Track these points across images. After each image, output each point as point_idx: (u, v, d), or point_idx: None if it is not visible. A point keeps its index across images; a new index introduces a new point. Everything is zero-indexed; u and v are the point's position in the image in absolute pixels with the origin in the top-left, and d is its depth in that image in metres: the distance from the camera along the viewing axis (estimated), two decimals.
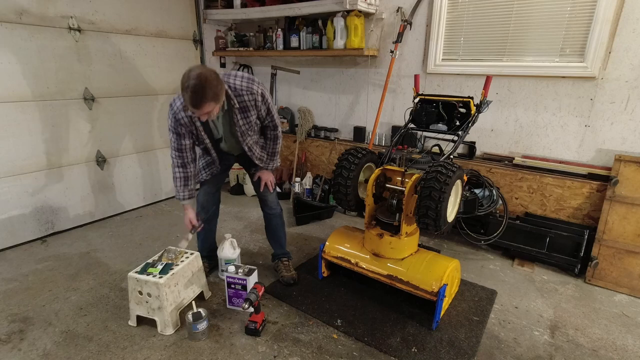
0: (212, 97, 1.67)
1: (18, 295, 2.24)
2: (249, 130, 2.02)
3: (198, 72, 1.64)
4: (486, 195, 2.59)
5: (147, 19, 3.34)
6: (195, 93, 1.63)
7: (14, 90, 2.63)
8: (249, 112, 1.96)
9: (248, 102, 1.93)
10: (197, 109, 1.69)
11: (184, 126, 1.95)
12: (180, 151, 2.02)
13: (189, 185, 2.10)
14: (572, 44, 2.47)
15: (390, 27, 3.11)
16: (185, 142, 2.01)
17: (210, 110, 1.72)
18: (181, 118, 1.92)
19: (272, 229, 2.40)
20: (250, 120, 1.99)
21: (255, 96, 1.92)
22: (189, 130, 1.97)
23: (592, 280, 2.41)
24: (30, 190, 2.84)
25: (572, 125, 2.56)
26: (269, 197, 2.30)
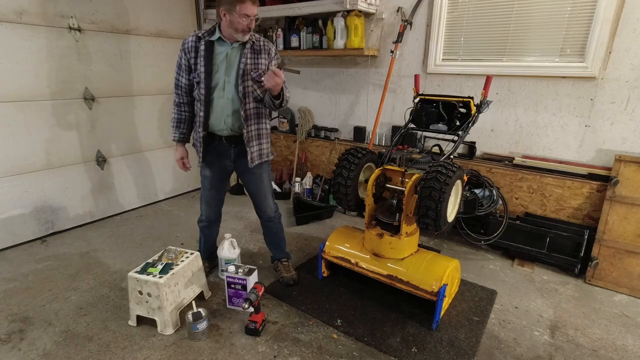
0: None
1: (18, 295, 2.24)
2: (253, 73, 1.93)
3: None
4: (486, 195, 2.59)
5: (147, 18, 3.33)
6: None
7: (14, 90, 2.63)
8: (260, 54, 1.97)
9: (263, 45, 1.98)
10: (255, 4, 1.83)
11: (187, 52, 1.94)
12: (178, 88, 2.05)
13: (180, 127, 2.13)
14: (572, 44, 2.47)
15: (390, 27, 3.10)
16: (182, 79, 2.02)
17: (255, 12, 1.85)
18: (187, 42, 1.94)
19: (270, 235, 2.36)
20: (258, 63, 1.96)
21: (270, 45, 2.01)
22: (188, 60, 1.95)
23: (592, 280, 2.41)
24: (30, 190, 2.84)
25: (572, 126, 2.56)
26: (265, 202, 2.21)
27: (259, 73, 1.96)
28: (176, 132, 2.13)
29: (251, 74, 1.95)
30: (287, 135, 3.93)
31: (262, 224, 2.35)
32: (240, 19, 1.83)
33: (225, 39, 1.93)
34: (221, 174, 2.21)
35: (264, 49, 1.99)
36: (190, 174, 4.03)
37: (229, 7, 1.81)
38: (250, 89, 1.96)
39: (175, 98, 2.08)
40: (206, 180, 2.20)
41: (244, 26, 1.85)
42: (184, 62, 1.97)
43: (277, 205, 2.35)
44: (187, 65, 1.97)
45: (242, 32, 1.87)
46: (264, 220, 2.31)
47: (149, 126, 3.55)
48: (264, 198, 2.23)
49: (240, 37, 1.89)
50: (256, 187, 2.20)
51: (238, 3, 1.80)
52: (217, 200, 2.29)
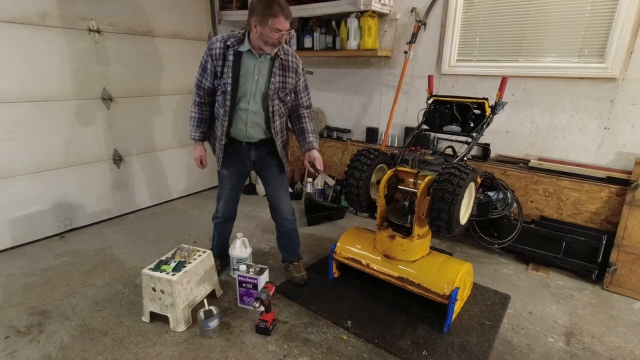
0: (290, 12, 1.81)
1: (37, 289, 2.31)
2: (281, 91, 1.96)
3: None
4: (500, 198, 2.55)
5: (163, 20, 3.40)
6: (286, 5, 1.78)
7: (36, 90, 2.72)
8: (288, 73, 1.96)
9: (291, 62, 1.96)
10: (288, 19, 1.78)
11: (213, 58, 1.90)
12: (199, 88, 2.02)
13: (200, 127, 2.12)
14: (591, 44, 2.41)
15: (404, 28, 3.09)
16: (205, 83, 1.99)
17: (288, 27, 1.81)
18: (215, 48, 1.89)
19: (285, 239, 2.35)
20: (286, 82, 1.96)
21: (298, 62, 2.00)
22: (215, 66, 1.91)
23: (610, 287, 2.35)
24: (49, 188, 2.92)
25: (591, 128, 2.50)
26: (282, 205, 2.22)
27: (286, 93, 1.99)
28: (197, 132, 2.13)
29: (278, 94, 1.97)
30: None
31: (277, 227, 2.33)
32: (272, 33, 1.78)
33: (253, 50, 1.89)
34: (240, 174, 2.24)
35: (292, 66, 1.97)
36: (204, 173, 4.09)
37: (261, 19, 1.76)
38: (277, 107, 2.00)
39: (195, 98, 2.07)
40: (225, 179, 2.23)
41: (275, 40, 1.81)
42: (209, 67, 1.93)
43: (294, 209, 2.32)
44: (212, 71, 1.93)
45: (272, 45, 1.84)
46: (278, 222, 2.29)
47: (164, 126, 3.62)
48: (281, 198, 2.23)
49: (269, 50, 1.86)
50: (273, 187, 2.22)
51: (271, 17, 1.75)
52: (234, 199, 2.31)
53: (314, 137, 2.08)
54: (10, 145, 2.66)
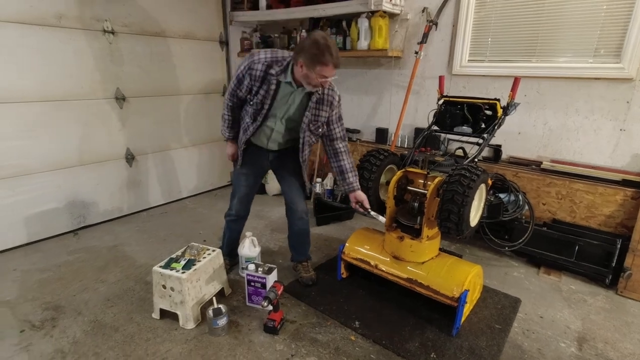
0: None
1: (51, 284, 2.36)
2: (312, 124, 1.99)
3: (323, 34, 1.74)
4: (511, 200, 2.51)
5: (176, 21, 3.44)
6: (336, 51, 1.72)
7: (52, 90, 2.78)
8: (323, 106, 1.96)
9: (327, 95, 1.94)
10: (336, 68, 1.76)
11: (252, 78, 1.88)
12: (232, 96, 2.04)
13: (234, 127, 2.17)
14: (607, 44, 2.36)
15: (415, 28, 3.07)
16: (239, 93, 1.99)
17: (333, 73, 1.78)
18: (256, 69, 1.87)
19: (297, 237, 2.36)
20: (320, 115, 1.97)
21: (334, 96, 1.96)
22: (251, 85, 1.91)
23: (625, 292, 2.30)
24: (64, 185, 2.99)
25: (606, 129, 2.45)
26: (298, 205, 2.23)
27: (317, 126, 2.01)
28: (230, 132, 2.19)
29: (310, 126, 2.00)
30: None
31: (290, 225, 2.33)
32: (317, 78, 1.77)
33: (294, 83, 1.88)
34: (257, 173, 2.28)
35: (327, 100, 1.95)
36: (214, 172, 4.13)
37: (310, 63, 1.73)
38: (307, 138, 2.05)
39: (228, 103, 2.09)
40: (242, 178, 2.26)
41: (318, 84, 1.81)
42: (246, 83, 1.93)
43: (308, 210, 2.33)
44: (248, 87, 1.93)
45: (314, 87, 1.84)
46: (294, 219, 2.28)
47: (176, 125, 3.66)
48: (296, 197, 2.24)
49: (309, 88, 1.86)
50: (289, 186, 2.23)
51: (320, 64, 1.72)
52: (249, 197, 2.34)
53: (354, 177, 2.10)
54: (27, 143, 2.72)
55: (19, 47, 2.57)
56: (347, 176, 2.09)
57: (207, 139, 3.97)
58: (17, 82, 2.61)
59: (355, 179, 2.10)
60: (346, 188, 2.11)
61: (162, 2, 3.30)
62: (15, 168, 2.71)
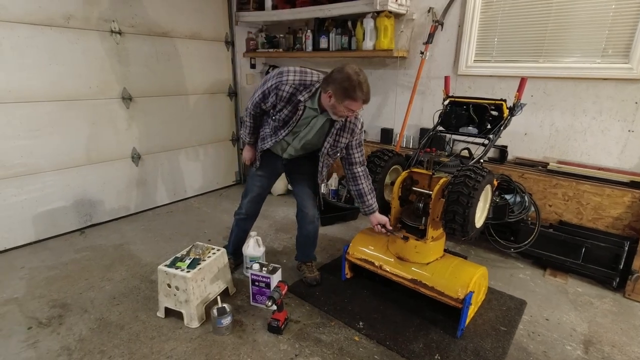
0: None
1: (58, 282, 2.38)
2: (332, 149, 2.02)
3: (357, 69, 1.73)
4: (517, 201, 2.49)
5: (182, 21, 3.46)
6: (368, 88, 1.74)
7: (60, 90, 2.81)
8: (344, 133, 1.97)
9: (349, 124, 1.95)
10: (365, 102, 1.77)
11: (278, 98, 1.89)
12: (256, 108, 2.05)
13: (255, 134, 2.20)
14: (615, 44, 2.34)
15: (420, 28, 3.06)
16: (263, 106, 2.00)
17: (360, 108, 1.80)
18: (284, 91, 1.87)
19: (305, 239, 2.36)
20: (340, 141, 1.98)
21: (357, 122, 1.98)
22: (275, 103, 1.92)
23: (632, 295, 2.27)
24: (71, 184, 3.02)
25: (614, 130, 2.43)
26: (309, 207, 2.24)
27: (336, 151, 2.04)
28: (252, 138, 2.22)
29: (328, 152, 2.03)
30: None
31: (301, 227, 2.32)
32: (345, 111, 1.79)
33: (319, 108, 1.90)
34: (271, 175, 2.30)
35: (349, 127, 1.96)
36: (219, 172, 4.14)
37: (340, 95, 1.73)
38: (326, 161, 2.10)
39: (251, 112, 2.09)
40: (256, 178, 2.28)
41: (344, 115, 1.84)
42: (271, 100, 1.92)
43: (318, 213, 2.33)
44: (273, 103, 1.93)
45: (340, 117, 1.86)
46: (304, 223, 2.28)
47: (182, 125, 3.68)
48: (308, 201, 2.24)
49: (335, 118, 1.87)
50: (302, 189, 2.24)
51: (349, 99, 1.73)
52: (260, 197, 2.35)
53: (372, 200, 2.11)
54: (35, 142, 2.76)
55: (28, 47, 2.60)
56: (366, 199, 2.10)
57: (212, 139, 3.99)
58: (26, 82, 2.64)
59: (374, 201, 2.12)
60: (365, 210, 2.13)
61: (168, 2, 3.32)
62: (24, 167, 2.74)
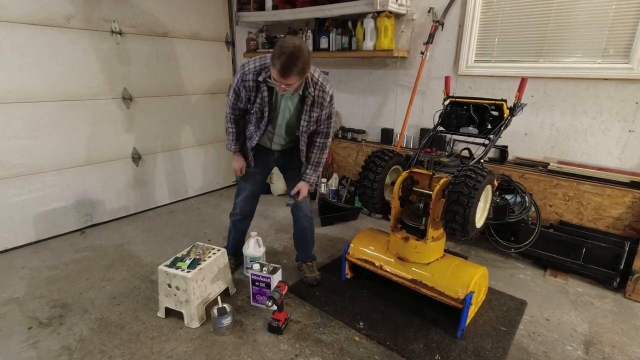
0: (300, 70, 1.68)
1: (59, 282, 2.38)
2: (308, 126, 2.02)
3: (297, 43, 1.66)
4: (518, 201, 2.49)
5: (182, 21, 3.46)
6: (289, 59, 1.64)
7: (60, 90, 2.81)
8: (314, 107, 1.96)
9: (317, 97, 1.94)
10: (283, 77, 1.69)
11: (247, 89, 1.93)
12: (234, 109, 2.06)
13: (239, 139, 2.18)
14: (616, 44, 2.34)
15: (421, 28, 3.06)
16: (239, 104, 2.03)
17: (293, 83, 1.74)
18: (248, 80, 1.89)
19: (301, 235, 2.37)
20: (312, 116, 1.98)
21: (326, 95, 1.95)
22: (248, 95, 1.95)
23: (633, 295, 2.27)
24: (72, 184, 3.02)
25: (615, 130, 2.43)
26: (302, 203, 2.26)
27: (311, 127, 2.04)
28: (237, 145, 2.20)
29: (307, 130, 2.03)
30: None
31: (294, 222, 2.35)
32: (276, 83, 1.78)
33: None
34: (263, 171, 2.30)
35: (317, 102, 1.95)
36: (219, 172, 4.14)
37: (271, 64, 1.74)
38: (304, 139, 2.08)
39: (230, 116, 2.10)
40: (247, 175, 2.28)
41: (281, 90, 1.81)
42: (243, 95, 1.97)
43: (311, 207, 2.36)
44: (246, 97, 1.97)
45: (280, 91, 1.84)
46: (297, 218, 2.31)
47: (182, 125, 3.68)
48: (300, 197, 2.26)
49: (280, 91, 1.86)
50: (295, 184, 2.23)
51: (272, 66, 1.72)
52: (254, 195, 2.35)
53: (312, 171, 2.15)
54: (36, 142, 2.76)
55: (28, 47, 2.60)
56: (308, 167, 2.15)
57: (213, 139, 3.99)
58: (27, 82, 2.64)
59: (312, 174, 2.15)
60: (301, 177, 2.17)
61: (168, 3, 3.32)
62: (25, 167, 2.74)
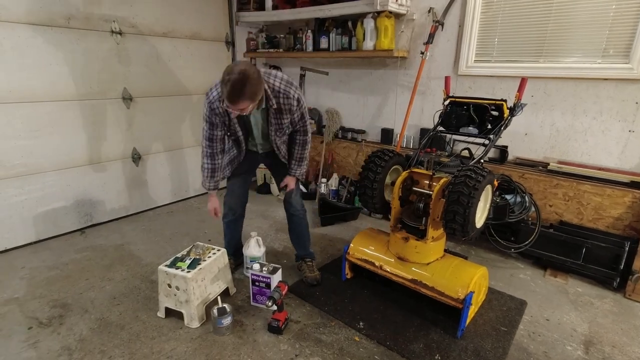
0: (249, 95, 1.68)
1: (59, 282, 2.38)
2: (279, 132, 2.03)
3: (242, 69, 1.65)
4: (518, 201, 2.49)
5: (182, 21, 3.46)
6: (234, 88, 1.64)
7: (60, 90, 2.81)
8: (283, 114, 1.96)
9: (283, 105, 1.93)
10: (232, 104, 1.70)
11: (218, 116, 1.95)
12: (211, 141, 2.05)
13: (215, 176, 2.16)
14: (616, 44, 2.34)
15: (421, 28, 3.06)
16: (217, 132, 2.03)
17: (245, 107, 1.74)
18: (216, 108, 1.92)
19: (295, 230, 2.40)
20: (282, 122, 1.99)
21: (291, 101, 1.93)
22: (222, 120, 1.97)
23: (633, 295, 2.27)
24: (72, 184, 3.02)
25: (614, 130, 2.43)
26: (292, 198, 2.29)
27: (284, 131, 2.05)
28: (212, 182, 2.16)
29: (277, 134, 2.04)
30: (314, 136, 3.94)
31: (288, 218, 2.38)
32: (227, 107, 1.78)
33: None
34: (250, 168, 2.30)
35: (285, 109, 1.93)
36: None
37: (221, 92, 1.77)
38: (279, 141, 2.09)
39: (207, 150, 2.07)
40: (234, 178, 2.27)
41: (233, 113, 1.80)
42: (218, 121, 1.97)
43: (304, 203, 2.38)
44: (221, 122, 1.97)
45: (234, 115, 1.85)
46: (290, 212, 2.34)
47: (182, 125, 3.68)
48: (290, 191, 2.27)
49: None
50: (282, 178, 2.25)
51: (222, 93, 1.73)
52: (243, 190, 2.34)
53: (296, 166, 2.18)
54: (36, 142, 2.76)
55: (28, 47, 2.60)
56: (292, 162, 2.18)
57: None
58: (27, 83, 2.64)
59: (297, 168, 2.18)
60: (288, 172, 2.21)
61: (168, 3, 3.32)
62: (25, 167, 2.74)
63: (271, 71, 1.92)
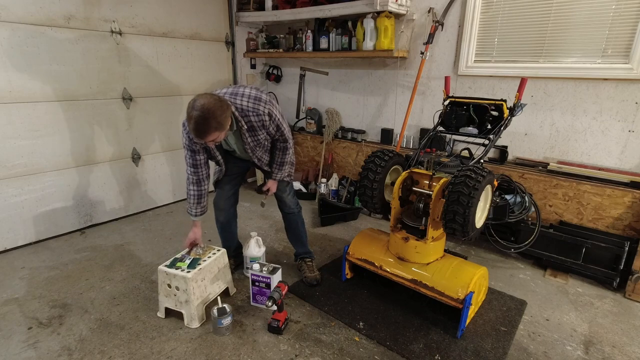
0: (215, 127, 1.67)
1: (59, 282, 2.38)
2: (257, 147, 2.03)
3: (202, 104, 1.64)
4: (517, 201, 2.49)
5: (182, 22, 3.46)
6: (197, 124, 1.64)
7: (60, 90, 2.81)
8: (257, 131, 1.94)
9: (255, 122, 1.90)
10: (200, 139, 1.71)
11: (198, 143, 1.96)
12: (195, 167, 2.03)
13: (201, 202, 2.12)
14: (615, 44, 2.34)
15: (421, 28, 3.06)
16: (199, 157, 2.02)
17: (215, 138, 1.73)
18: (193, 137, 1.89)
19: (291, 228, 2.41)
20: (258, 138, 1.98)
21: (262, 117, 1.89)
22: (202, 146, 1.99)
23: (633, 295, 2.27)
24: (72, 184, 3.02)
25: (614, 130, 2.43)
26: (286, 198, 2.29)
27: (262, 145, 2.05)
28: (198, 208, 2.12)
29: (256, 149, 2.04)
30: (314, 136, 3.95)
31: (283, 217, 2.40)
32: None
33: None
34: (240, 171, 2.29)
35: (257, 126, 1.91)
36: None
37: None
38: (259, 153, 2.09)
39: (192, 177, 2.06)
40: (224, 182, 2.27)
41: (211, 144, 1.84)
42: (197, 147, 1.98)
43: (298, 200, 2.39)
44: (202, 147, 1.99)
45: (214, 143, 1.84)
46: (284, 212, 2.37)
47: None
48: (282, 191, 2.28)
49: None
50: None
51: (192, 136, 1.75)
52: (232, 191, 2.32)
53: (277, 170, 2.18)
54: (36, 143, 2.76)
55: (28, 47, 2.60)
56: (273, 167, 2.18)
57: None
58: (27, 83, 2.64)
59: (278, 172, 2.17)
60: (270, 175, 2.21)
61: (168, 3, 3.32)
62: (25, 167, 2.74)
63: (238, 90, 1.88)
